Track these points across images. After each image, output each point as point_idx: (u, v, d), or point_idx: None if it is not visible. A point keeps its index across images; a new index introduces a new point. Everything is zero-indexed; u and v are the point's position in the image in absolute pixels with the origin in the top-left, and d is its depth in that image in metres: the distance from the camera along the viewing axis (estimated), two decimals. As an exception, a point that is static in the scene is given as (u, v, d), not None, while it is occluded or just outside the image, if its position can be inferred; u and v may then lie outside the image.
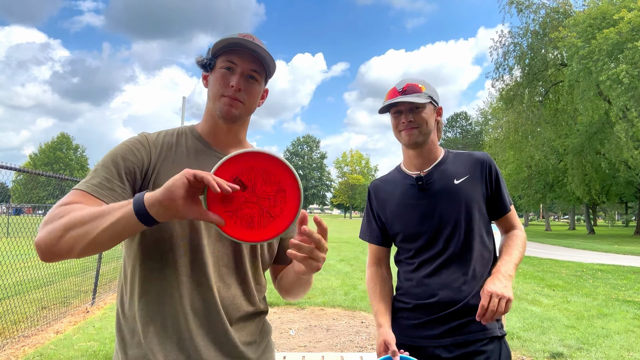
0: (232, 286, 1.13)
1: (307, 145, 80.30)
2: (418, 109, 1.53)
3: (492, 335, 1.48)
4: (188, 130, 1.22)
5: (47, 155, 58.86)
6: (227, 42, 1.11)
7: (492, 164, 1.60)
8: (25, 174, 4.98)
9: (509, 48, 25.97)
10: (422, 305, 1.52)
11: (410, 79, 1.58)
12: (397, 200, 1.63)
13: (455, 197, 1.53)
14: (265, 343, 1.23)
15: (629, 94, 17.68)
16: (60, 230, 0.90)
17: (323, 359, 3.10)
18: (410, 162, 1.64)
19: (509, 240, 1.59)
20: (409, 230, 1.59)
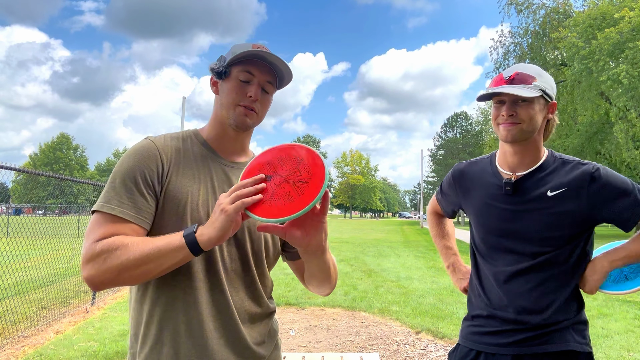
0: (241, 289, 1.16)
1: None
2: (524, 102, 1.34)
3: (571, 349, 1.37)
4: (193, 135, 1.22)
5: (47, 155, 58.86)
6: (248, 53, 1.12)
7: (598, 178, 1.34)
8: (25, 174, 4.98)
9: (509, 48, 25.97)
10: (494, 314, 1.44)
11: (522, 67, 1.38)
12: (480, 195, 1.49)
13: (544, 210, 1.36)
14: (274, 342, 1.26)
15: (629, 94, 17.67)
16: (115, 272, 0.97)
17: (323, 359, 3.10)
18: (504, 158, 1.46)
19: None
20: (486, 231, 1.47)
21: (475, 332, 1.47)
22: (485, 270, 1.48)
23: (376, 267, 10.44)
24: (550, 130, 1.46)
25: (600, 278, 1.39)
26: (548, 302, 1.37)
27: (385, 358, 4.17)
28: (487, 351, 1.41)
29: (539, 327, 1.36)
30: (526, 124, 1.35)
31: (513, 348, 1.37)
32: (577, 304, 1.41)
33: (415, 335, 4.96)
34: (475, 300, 1.51)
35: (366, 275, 8.96)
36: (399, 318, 5.61)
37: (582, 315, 1.42)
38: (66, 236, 6.90)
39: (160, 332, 1.09)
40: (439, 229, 1.81)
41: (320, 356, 3.18)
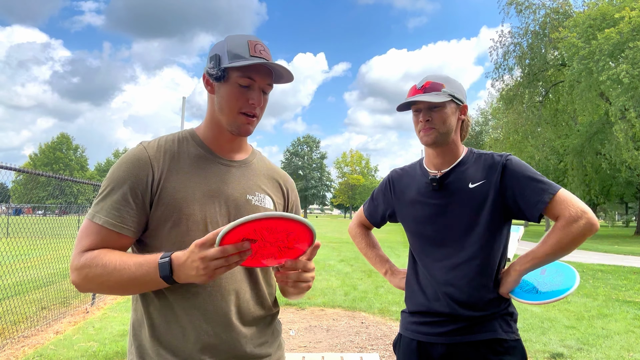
0: (247, 292, 1.16)
1: (307, 145, 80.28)
2: (437, 108, 1.49)
3: (499, 337, 1.47)
4: (189, 136, 1.20)
5: (46, 155, 58.89)
6: (250, 65, 1.09)
7: (508, 166, 1.48)
8: (25, 174, 4.98)
9: (509, 48, 25.98)
10: (428, 307, 1.55)
11: (432, 76, 1.54)
12: (411, 195, 1.63)
13: (467, 202, 1.50)
14: (277, 342, 1.26)
15: (628, 94, 17.68)
16: (96, 286, 1.04)
17: (323, 359, 3.10)
18: (429, 160, 1.62)
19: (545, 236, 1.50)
20: (418, 228, 1.59)
21: (414, 322, 1.59)
22: (422, 267, 1.59)
23: (376, 267, 10.42)
24: (465, 129, 1.61)
25: (513, 280, 1.48)
26: (479, 295, 1.48)
27: (385, 358, 4.17)
28: (425, 341, 1.53)
29: (470, 319, 1.47)
30: (440, 127, 1.50)
31: (447, 337, 1.49)
32: (504, 298, 1.52)
33: (415, 335, 4.96)
34: (413, 296, 1.62)
35: (366, 276, 8.96)
36: (399, 318, 5.61)
37: (510, 308, 1.54)
38: (66, 236, 6.90)
39: (160, 335, 1.08)
40: (368, 239, 1.89)
41: (320, 356, 3.18)
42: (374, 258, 1.86)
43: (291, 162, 77.40)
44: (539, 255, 1.43)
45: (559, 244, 1.38)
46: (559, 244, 1.38)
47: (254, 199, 1.19)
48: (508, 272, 1.51)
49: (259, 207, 1.19)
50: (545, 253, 1.42)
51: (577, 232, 1.35)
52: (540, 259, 1.43)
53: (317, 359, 3.11)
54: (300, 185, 73.48)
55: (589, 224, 1.34)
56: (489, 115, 46.83)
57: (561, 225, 1.37)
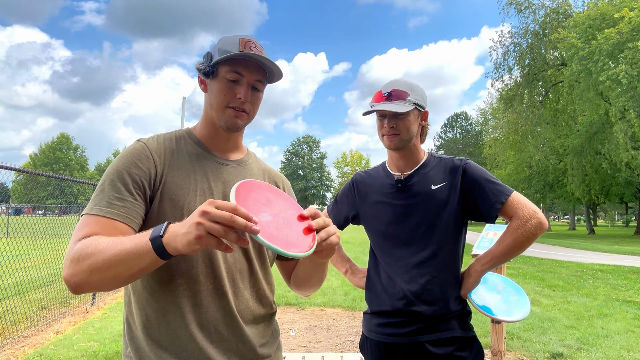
0: (246, 290, 1.14)
1: (307, 145, 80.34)
2: (401, 115, 1.56)
3: (459, 335, 1.54)
4: (186, 135, 1.20)
5: (47, 155, 58.88)
6: (235, 56, 1.09)
7: (468, 170, 1.57)
8: (25, 174, 4.98)
9: (509, 48, 25.96)
10: (392, 306, 1.58)
11: (397, 83, 1.60)
12: (376, 197, 1.68)
13: (430, 203, 1.56)
14: (276, 343, 1.24)
15: (628, 94, 17.67)
16: (87, 273, 0.92)
17: (323, 359, 3.10)
18: (393, 162, 1.68)
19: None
20: (383, 228, 1.64)
21: (378, 323, 1.62)
22: (384, 266, 1.63)
23: (376, 267, 10.43)
24: (425, 134, 1.69)
25: (473, 281, 1.57)
26: (439, 294, 1.54)
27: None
28: (387, 341, 1.57)
29: (432, 317, 1.53)
30: (404, 134, 1.57)
31: (411, 338, 1.54)
32: (462, 298, 1.60)
33: (415, 335, 4.96)
34: (375, 296, 1.65)
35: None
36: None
37: (466, 307, 1.62)
38: (66, 236, 6.90)
39: (158, 336, 1.06)
40: None
41: (320, 356, 3.18)
42: (335, 258, 1.92)
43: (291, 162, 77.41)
44: (497, 255, 1.52)
45: (515, 243, 1.48)
46: (515, 243, 1.48)
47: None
48: (468, 272, 1.58)
49: None
50: (502, 253, 1.50)
51: (529, 232, 1.46)
52: (498, 259, 1.52)
53: (317, 359, 3.11)
54: (300, 185, 73.47)
55: (539, 224, 1.46)
56: (489, 115, 46.82)
57: (516, 225, 1.47)
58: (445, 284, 1.55)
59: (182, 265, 1.06)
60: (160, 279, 1.07)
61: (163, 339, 1.06)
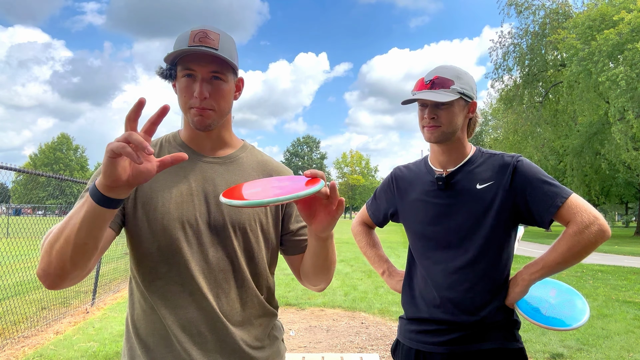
0: (232, 290, 1.11)
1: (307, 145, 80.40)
2: (444, 105, 1.41)
3: (502, 347, 1.41)
4: (172, 138, 1.19)
5: (47, 155, 58.89)
6: (179, 52, 1.03)
7: (519, 168, 1.41)
8: (25, 174, 4.98)
9: (509, 49, 25.97)
10: (429, 313, 1.48)
11: (442, 69, 1.45)
12: (415, 194, 1.55)
13: (474, 203, 1.42)
14: (274, 348, 1.20)
15: (627, 95, 17.67)
16: (47, 253, 0.90)
17: (323, 359, 3.10)
18: (435, 157, 1.54)
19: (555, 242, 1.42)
20: (421, 228, 1.52)
21: (412, 330, 1.52)
22: (422, 269, 1.52)
23: (376, 267, 10.42)
24: (473, 127, 1.53)
25: (521, 290, 1.41)
26: (482, 302, 1.41)
27: (385, 359, 4.17)
28: (424, 350, 1.46)
29: (472, 327, 1.40)
30: (446, 126, 1.42)
31: (447, 347, 1.42)
32: (507, 307, 1.45)
33: (415, 335, 4.96)
34: (411, 302, 1.55)
35: (366, 276, 8.96)
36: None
37: (513, 316, 1.47)
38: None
39: (146, 336, 1.07)
40: (369, 238, 1.82)
41: (320, 357, 3.18)
42: (373, 257, 1.80)
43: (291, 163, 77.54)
44: (549, 264, 1.36)
45: (570, 252, 1.32)
46: (571, 252, 1.32)
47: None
48: (515, 281, 1.43)
49: None
50: (556, 261, 1.35)
51: (589, 239, 1.29)
52: (550, 268, 1.36)
53: (317, 359, 3.11)
54: (300, 186, 73.53)
55: (601, 231, 1.29)
56: (489, 116, 46.85)
57: (573, 232, 1.31)
58: (488, 292, 1.41)
59: (162, 267, 1.07)
60: (144, 279, 1.08)
61: (149, 339, 1.07)
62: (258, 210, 1.15)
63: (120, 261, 8.47)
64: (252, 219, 1.13)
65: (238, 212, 1.11)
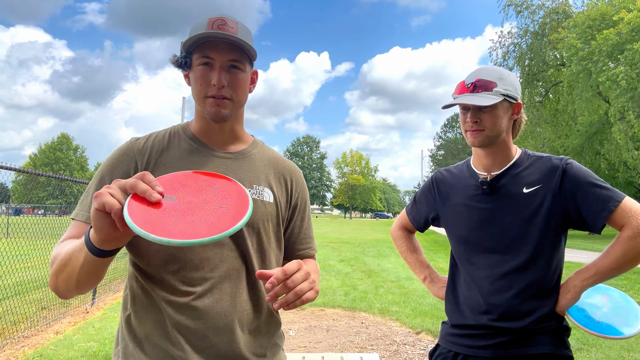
0: (244, 291, 1.06)
1: (307, 145, 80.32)
2: (487, 108, 1.37)
3: (550, 352, 1.36)
4: (181, 130, 1.14)
5: (47, 155, 58.88)
6: (197, 37, 1.00)
7: (569, 171, 1.36)
8: (25, 174, 4.98)
9: (509, 49, 25.99)
10: (475, 320, 1.44)
11: (483, 71, 1.41)
12: (458, 198, 1.52)
13: (521, 207, 1.38)
14: (277, 358, 1.16)
15: (627, 95, 17.67)
16: (54, 277, 0.94)
17: (323, 359, 3.10)
18: (478, 161, 1.50)
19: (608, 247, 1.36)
20: (465, 234, 1.48)
21: (454, 334, 1.49)
22: (466, 275, 1.48)
23: (376, 267, 10.44)
24: (518, 128, 1.49)
25: (572, 297, 1.37)
26: (530, 309, 1.37)
27: (385, 358, 4.18)
28: (466, 353, 1.43)
29: (518, 332, 1.37)
30: (490, 129, 1.39)
31: (492, 351, 1.38)
32: (558, 314, 1.41)
33: (415, 335, 4.96)
34: (455, 309, 1.51)
35: (366, 276, 8.96)
36: (399, 318, 5.62)
37: (563, 322, 1.43)
38: (66, 236, 6.89)
39: (133, 342, 1.01)
40: (409, 243, 1.80)
41: (320, 356, 3.18)
42: (413, 263, 1.77)
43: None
44: (602, 270, 1.31)
45: (625, 257, 1.28)
46: (626, 257, 1.28)
47: (251, 191, 1.10)
48: (567, 287, 1.38)
49: (257, 200, 1.10)
50: (610, 267, 1.30)
51: (629, 239, 1.26)
52: (604, 274, 1.31)
53: (317, 359, 3.11)
54: (300, 186, 73.42)
55: None
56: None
57: (628, 236, 1.26)
58: (536, 300, 1.37)
59: (172, 265, 1.02)
60: (149, 278, 1.04)
61: (147, 340, 1.02)
62: (271, 209, 1.13)
63: (120, 261, 8.47)
64: (265, 218, 1.11)
65: (254, 209, 1.07)
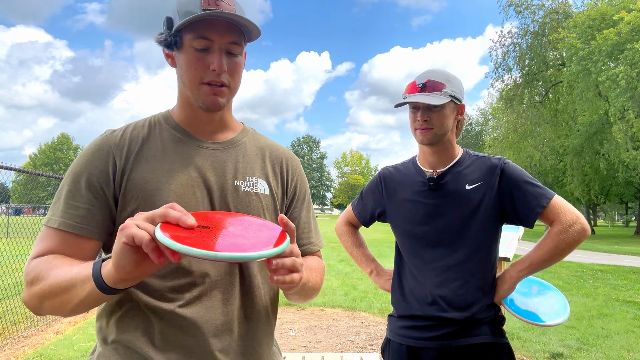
0: (235, 300, 0.97)
1: (307, 145, 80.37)
2: (436, 108, 1.46)
3: (491, 342, 1.46)
4: (162, 119, 1.03)
5: (47, 155, 58.93)
6: (199, 16, 0.88)
7: (506, 170, 1.48)
8: (25, 174, 4.98)
9: (509, 48, 25.99)
10: (422, 311, 1.51)
11: (433, 73, 1.50)
12: (405, 194, 1.58)
13: (463, 203, 1.48)
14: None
15: (627, 95, 17.68)
16: (38, 300, 0.85)
17: (323, 359, 3.10)
18: (424, 158, 1.58)
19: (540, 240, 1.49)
20: (411, 228, 1.55)
21: (403, 326, 1.55)
22: (412, 268, 1.55)
23: (376, 267, 10.42)
24: (460, 129, 1.60)
25: (509, 287, 1.48)
26: (473, 299, 1.46)
27: (385, 358, 4.18)
28: (415, 345, 1.49)
29: (463, 322, 1.45)
30: (438, 128, 1.48)
31: (438, 342, 1.46)
32: (495, 304, 1.52)
33: (415, 335, 4.96)
34: (401, 300, 1.57)
35: (366, 276, 8.94)
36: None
37: (499, 313, 1.54)
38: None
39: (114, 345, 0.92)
40: (355, 238, 1.84)
41: (320, 356, 3.18)
42: (359, 257, 1.82)
43: (291, 162, 77.66)
44: (536, 262, 1.44)
45: (556, 249, 1.41)
46: (557, 249, 1.41)
47: (243, 184, 1.01)
48: (504, 278, 1.50)
49: (250, 193, 1.01)
50: (542, 259, 1.43)
51: (573, 238, 1.39)
52: (537, 265, 1.44)
53: (317, 359, 3.11)
54: (300, 186, 73.49)
55: (583, 230, 1.39)
56: (489, 115, 46.88)
57: (558, 230, 1.40)
58: (478, 290, 1.47)
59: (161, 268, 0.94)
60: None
61: (129, 345, 0.92)
62: (267, 202, 1.04)
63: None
64: (261, 213, 1.02)
65: (246, 203, 1.00)
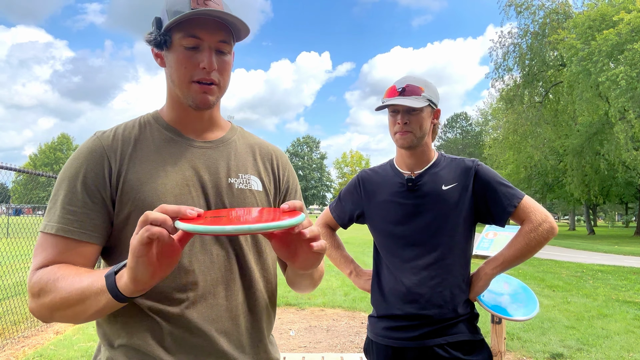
0: (239, 292, 0.98)
1: (307, 145, 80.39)
2: (415, 111, 1.52)
3: (468, 339, 1.52)
4: (152, 119, 1.03)
5: (47, 155, 58.92)
6: (189, 14, 0.89)
7: (480, 171, 1.56)
8: (25, 174, 4.98)
9: (509, 49, 26.00)
10: (401, 309, 1.55)
11: (411, 78, 1.56)
12: (384, 195, 1.63)
13: (440, 203, 1.54)
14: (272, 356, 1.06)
15: (627, 95, 17.69)
16: (48, 311, 0.85)
17: (323, 359, 3.10)
18: (402, 161, 1.64)
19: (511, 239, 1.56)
20: (390, 228, 1.59)
21: (384, 327, 1.58)
22: (390, 268, 1.59)
23: (376, 267, 10.43)
24: (436, 132, 1.66)
25: (484, 284, 1.56)
26: (451, 297, 1.51)
27: (385, 358, 4.18)
28: (396, 346, 1.54)
29: (440, 322, 1.50)
30: (417, 131, 1.54)
31: (419, 342, 1.51)
32: (470, 301, 1.59)
33: (415, 335, 4.96)
34: (381, 299, 1.61)
35: (366, 276, 8.96)
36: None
37: (474, 311, 1.60)
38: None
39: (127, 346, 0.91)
40: (333, 240, 1.87)
41: (320, 357, 3.18)
42: (338, 259, 1.85)
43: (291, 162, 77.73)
44: (508, 259, 1.52)
45: (527, 247, 1.49)
46: (528, 247, 1.49)
47: (237, 181, 1.03)
48: (478, 275, 1.56)
49: (244, 190, 1.03)
50: (514, 256, 1.51)
51: (542, 235, 1.48)
52: (510, 262, 1.52)
53: (317, 359, 3.11)
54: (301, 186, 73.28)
55: (552, 228, 1.48)
56: (489, 116, 46.86)
57: (529, 229, 1.49)
58: (455, 287, 1.52)
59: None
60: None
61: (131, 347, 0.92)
62: (261, 198, 1.06)
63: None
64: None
65: (241, 200, 1.02)
